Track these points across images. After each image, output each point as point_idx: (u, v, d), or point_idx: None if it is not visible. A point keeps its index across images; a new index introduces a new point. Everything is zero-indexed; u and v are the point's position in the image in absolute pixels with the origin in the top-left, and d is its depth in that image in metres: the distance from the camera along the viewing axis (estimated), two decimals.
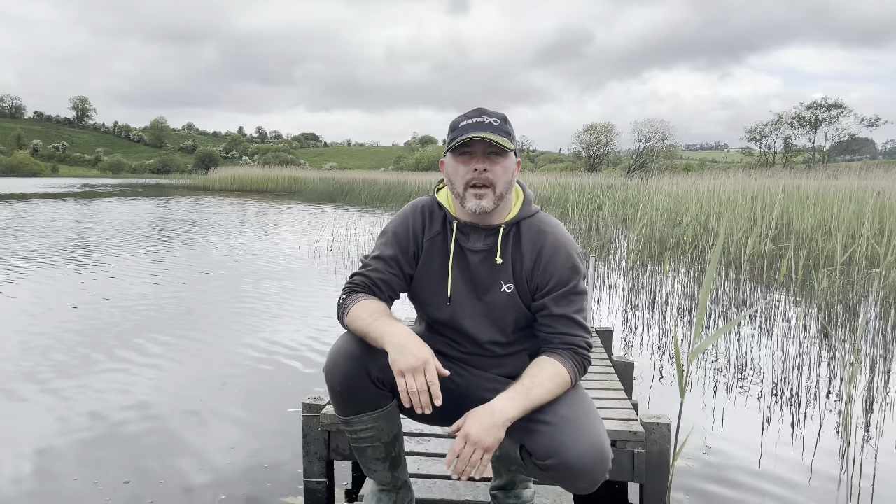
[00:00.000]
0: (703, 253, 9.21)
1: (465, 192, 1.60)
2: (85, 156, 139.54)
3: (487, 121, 1.58)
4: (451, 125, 1.63)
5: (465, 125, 1.59)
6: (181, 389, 3.71)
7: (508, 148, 1.57)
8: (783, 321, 5.50)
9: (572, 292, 1.62)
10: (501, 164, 1.58)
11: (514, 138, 1.62)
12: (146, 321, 5.35)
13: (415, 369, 1.44)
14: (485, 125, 1.57)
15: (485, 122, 1.58)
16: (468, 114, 1.62)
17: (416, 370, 1.44)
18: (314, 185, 34.33)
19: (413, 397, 1.45)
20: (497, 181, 1.58)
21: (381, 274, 1.67)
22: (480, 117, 1.59)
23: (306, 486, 2.37)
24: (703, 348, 2.05)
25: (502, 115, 1.61)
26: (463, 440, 1.45)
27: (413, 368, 1.44)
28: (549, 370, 1.55)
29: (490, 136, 1.55)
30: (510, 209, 1.68)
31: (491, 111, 1.61)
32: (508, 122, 1.61)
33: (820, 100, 49.85)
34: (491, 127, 1.57)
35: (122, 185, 53.59)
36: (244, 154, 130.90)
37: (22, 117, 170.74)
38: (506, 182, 1.60)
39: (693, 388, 3.81)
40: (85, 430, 3.10)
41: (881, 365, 4.28)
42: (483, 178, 1.57)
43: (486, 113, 1.60)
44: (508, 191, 1.62)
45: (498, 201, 1.60)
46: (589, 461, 1.46)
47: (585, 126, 49.26)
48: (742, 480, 2.67)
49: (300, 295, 6.63)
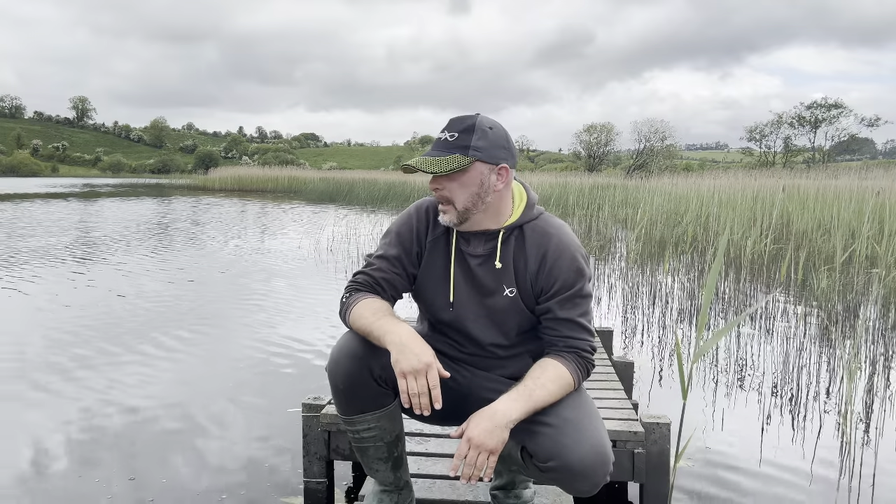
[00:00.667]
0: (703, 253, 9.22)
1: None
2: (85, 156, 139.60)
3: (444, 137, 1.57)
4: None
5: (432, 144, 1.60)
6: (181, 389, 3.71)
7: (440, 171, 1.53)
8: (783, 321, 5.50)
9: (577, 295, 1.61)
10: (458, 181, 1.56)
11: (481, 148, 1.55)
12: (146, 321, 5.35)
13: (416, 371, 1.44)
14: (440, 143, 1.57)
15: (441, 138, 1.57)
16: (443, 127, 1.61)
17: (417, 372, 1.44)
18: (314, 185, 34.33)
19: (413, 399, 1.45)
20: (454, 197, 1.57)
21: (385, 273, 1.67)
22: (443, 132, 1.58)
23: (306, 486, 2.38)
24: (707, 349, 2.05)
25: (469, 124, 1.56)
26: (467, 444, 1.44)
27: (415, 370, 1.44)
28: (552, 372, 1.55)
29: (423, 161, 1.54)
30: (510, 213, 1.66)
31: (459, 121, 1.57)
32: (475, 131, 1.55)
33: (820, 100, 49.91)
34: (444, 144, 1.56)
35: (123, 186, 53.61)
36: (244, 154, 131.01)
37: (22, 117, 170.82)
38: (470, 195, 1.57)
39: (693, 388, 3.81)
40: (86, 429, 3.10)
41: (881, 365, 4.28)
42: (440, 196, 1.58)
43: (452, 126, 1.57)
44: (478, 203, 1.58)
45: (463, 215, 1.58)
46: (590, 463, 1.45)
47: (585, 126, 49.29)
48: (742, 480, 2.67)
49: (300, 294, 6.63)
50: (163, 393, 3.64)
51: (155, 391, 3.67)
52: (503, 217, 1.65)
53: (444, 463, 2.22)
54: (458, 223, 1.60)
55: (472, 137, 1.55)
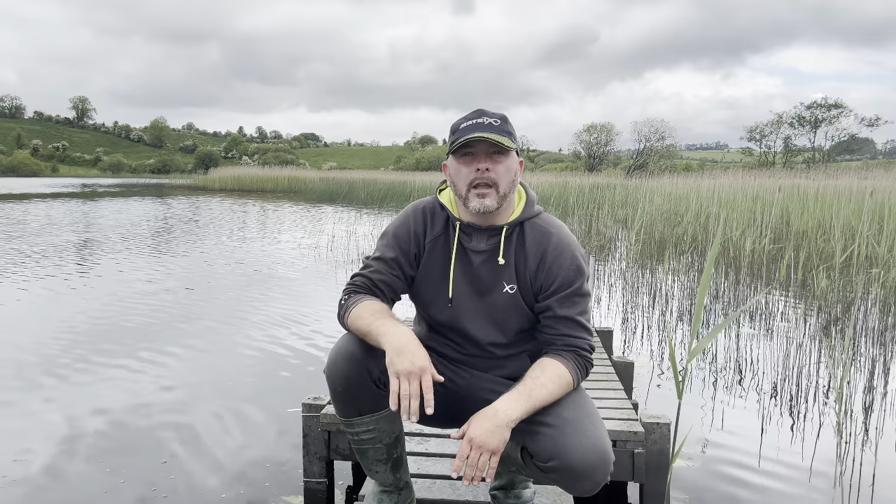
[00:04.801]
0: (702, 253, 9.21)
1: (468, 193, 1.60)
2: (85, 156, 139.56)
3: (488, 121, 1.59)
4: (452, 128, 1.63)
5: (465, 127, 1.59)
6: (181, 389, 3.72)
7: (510, 147, 1.57)
8: (783, 321, 5.50)
9: (576, 294, 1.62)
10: (504, 164, 1.59)
11: (516, 138, 1.62)
12: (145, 322, 5.35)
13: (410, 374, 1.44)
14: (485, 125, 1.58)
15: (485, 122, 1.58)
16: (468, 115, 1.62)
17: (411, 375, 1.44)
18: (314, 185, 34.33)
19: (403, 401, 1.43)
20: (500, 180, 1.58)
21: (382, 275, 1.67)
22: (481, 118, 1.59)
23: (306, 486, 2.38)
24: (701, 349, 2.05)
25: (502, 115, 1.62)
26: (469, 444, 1.44)
27: (409, 373, 1.44)
28: (552, 371, 1.55)
29: (491, 135, 1.55)
30: (513, 210, 1.67)
31: (491, 112, 1.61)
32: (509, 123, 1.62)
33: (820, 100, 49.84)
34: (491, 127, 1.58)
35: (123, 186, 53.59)
36: (244, 154, 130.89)
37: (22, 117, 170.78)
38: (508, 181, 1.60)
39: (693, 388, 3.81)
40: (85, 429, 3.10)
41: (880, 365, 4.28)
42: (486, 178, 1.58)
43: (486, 114, 1.61)
44: (511, 190, 1.62)
45: (501, 201, 1.60)
46: (591, 463, 1.46)
47: (585, 126, 49.33)
48: (741, 480, 2.67)
49: (300, 295, 6.63)
50: (163, 393, 3.64)
51: (155, 391, 3.67)
52: (508, 213, 1.66)
53: (444, 463, 2.22)
54: (496, 208, 1.60)
55: (509, 126, 1.61)
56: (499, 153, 1.58)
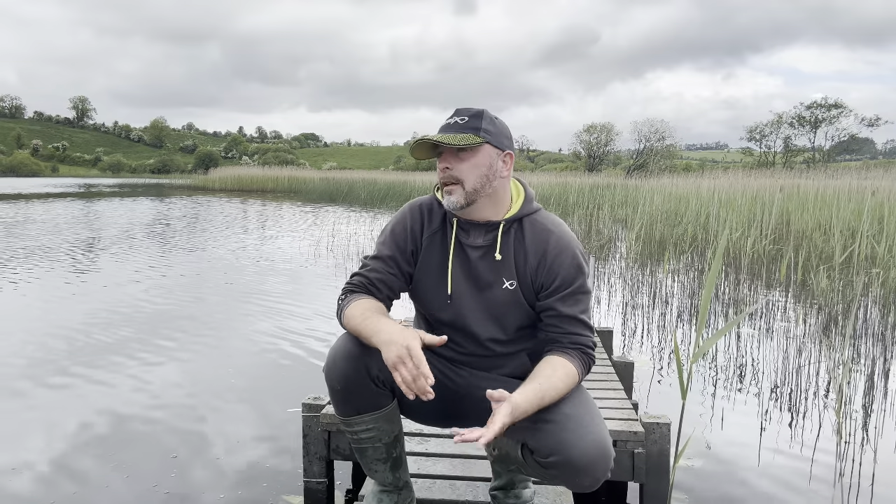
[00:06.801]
0: (702, 253, 9.22)
1: (442, 191, 1.63)
2: (85, 156, 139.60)
3: (454, 121, 1.60)
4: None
5: (440, 128, 1.62)
6: (181, 388, 3.72)
7: (460, 145, 1.56)
8: (783, 321, 5.50)
9: (578, 292, 1.62)
10: (470, 161, 1.58)
11: (491, 132, 1.60)
12: (146, 322, 5.35)
13: (402, 357, 1.43)
14: (451, 126, 1.60)
15: (451, 122, 1.60)
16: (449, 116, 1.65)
17: (402, 359, 1.43)
18: (314, 185, 34.33)
19: (411, 387, 1.43)
20: (464, 177, 1.59)
21: (380, 274, 1.67)
22: (452, 118, 1.62)
23: (306, 486, 2.38)
24: (704, 351, 2.05)
25: (478, 111, 1.62)
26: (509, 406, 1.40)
27: (400, 357, 1.43)
28: (562, 371, 1.55)
29: (441, 136, 1.57)
30: (509, 205, 1.67)
31: (466, 110, 1.63)
32: (483, 118, 1.60)
33: (820, 100, 49.87)
34: (457, 126, 1.59)
35: (123, 186, 53.60)
36: (244, 154, 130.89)
37: (22, 117, 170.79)
38: (477, 176, 1.59)
39: (692, 388, 3.81)
40: (85, 429, 3.10)
41: (880, 365, 4.28)
42: (447, 177, 1.60)
43: (460, 112, 1.62)
44: (486, 185, 1.60)
45: (472, 196, 1.60)
46: (592, 458, 1.45)
47: (585, 126, 49.34)
48: (741, 480, 2.67)
49: (300, 295, 6.63)
50: (163, 393, 3.64)
51: (155, 391, 3.67)
52: (503, 208, 1.66)
53: (444, 463, 2.22)
54: (464, 204, 1.60)
55: (481, 122, 1.60)
56: (463, 150, 1.58)
